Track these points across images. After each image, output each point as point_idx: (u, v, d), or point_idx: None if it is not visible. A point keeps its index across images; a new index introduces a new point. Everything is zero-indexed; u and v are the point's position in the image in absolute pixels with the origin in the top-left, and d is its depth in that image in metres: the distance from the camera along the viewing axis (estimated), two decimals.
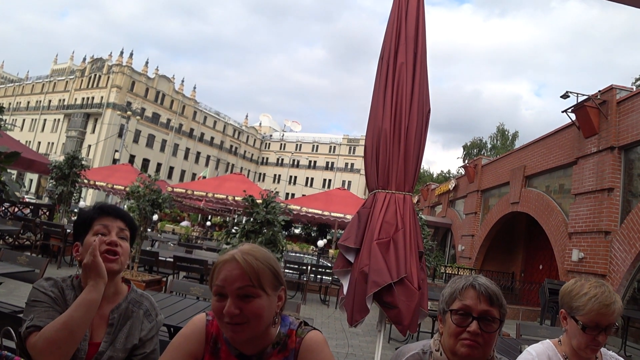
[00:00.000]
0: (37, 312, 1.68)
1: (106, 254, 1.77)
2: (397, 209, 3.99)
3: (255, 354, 1.51)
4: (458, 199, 23.99)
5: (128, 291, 1.92)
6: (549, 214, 13.92)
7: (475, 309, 1.59)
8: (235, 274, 1.42)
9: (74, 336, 1.60)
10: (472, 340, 1.58)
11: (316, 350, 1.52)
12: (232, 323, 1.41)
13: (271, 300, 1.48)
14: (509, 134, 52.43)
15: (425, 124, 4.24)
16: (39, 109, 71.47)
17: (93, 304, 1.66)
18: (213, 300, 1.46)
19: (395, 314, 3.86)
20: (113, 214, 1.88)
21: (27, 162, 11.18)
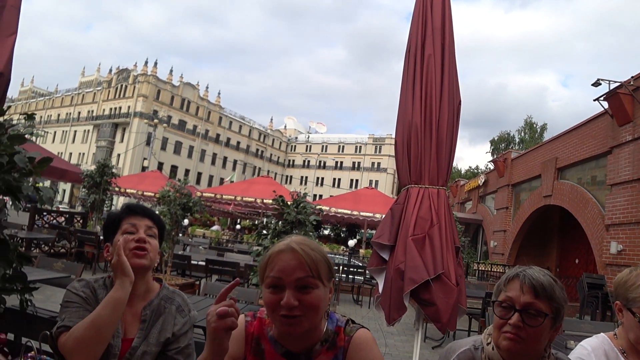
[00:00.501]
0: (69, 312, 1.70)
1: (135, 251, 1.79)
2: (431, 203, 3.91)
3: (303, 351, 1.45)
4: (488, 194, 23.59)
5: (160, 289, 1.94)
6: (584, 206, 13.55)
7: (517, 301, 1.51)
8: (293, 264, 1.36)
9: (102, 334, 1.61)
10: (513, 334, 1.50)
11: (365, 349, 1.46)
12: (289, 316, 1.34)
13: (326, 292, 1.43)
14: (537, 126, 51.34)
15: (457, 116, 4.15)
16: (69, 121, 73.21)
17: (120, 302, 1.67)
18: (266, 293, 1.39)
19: (433, 312, 3.78)
20: (140, 212, 1.90)
21: (60, 171, 11.39)
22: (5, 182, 2.35)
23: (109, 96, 66.85)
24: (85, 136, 69.21)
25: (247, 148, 79.31)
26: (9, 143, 2.38)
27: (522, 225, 18.08)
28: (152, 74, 62.42)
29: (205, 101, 70.65)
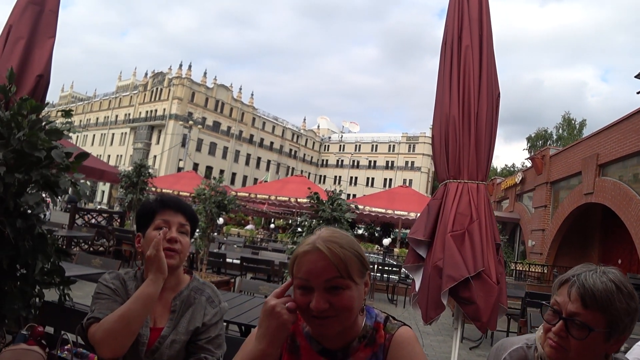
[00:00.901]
0: (99, 304, 1.72)
1: (166, 250, 1.77)
2: (470, 199, 3.78)
3: (340, 348, 1.38)
4: (526, 192, 23.06)
5: (190, 280, 1.93)
6: (627, 204, 13.07)
7: (564, 308, 1.39)
8: (320, 266, 1.27)
9: (130, 328, 1.62)
10: (555, 342, 1.38)
11: (408, 347, 1.37)
12: (321, 317, 1.28)
13: (359, 289, 1.34)
14: (576, 122, 49.92)
15: (496, 108, 4.01)
16: (107, 124, 75.12)
17: (150, 297, 1.67)
18: (296, 294, 1.32)
19: (473, 310, 3.66)
20: (174, 207, 1.88)
21: (98, 172, 11.65)
22: (44, 177, 2.36)
23: (145, 99, 68.27)
24: (122, 139, 70.86)
25: (280, 148, 79.79)
26: (47, 138, 2.39)
27: (562, 224, 17.59)
28: (186, 77, 63.44)
29: (239, 102, 71.42)
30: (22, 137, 2.34)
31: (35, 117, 2.48)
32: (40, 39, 4.21)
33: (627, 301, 1.35)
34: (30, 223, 2.31)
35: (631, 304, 1.36)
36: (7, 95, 2.56)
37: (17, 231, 2.26)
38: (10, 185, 2.24)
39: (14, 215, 2.30)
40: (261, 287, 4.82)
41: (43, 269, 2.40)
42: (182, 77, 63.28)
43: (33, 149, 2.33)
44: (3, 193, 2.23)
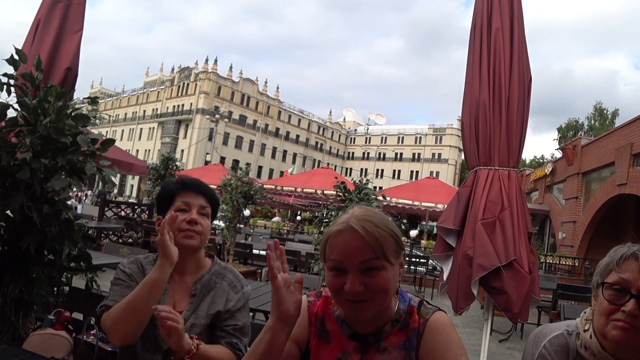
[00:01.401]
0: (113, 291, 1.72)
1: (187, 231, 1.75)
2: (501, 186, 3.68)
3: (372, 332, 1.32)
4: (556, 183, 22.57)
5: (212, 264, 1.90)
6: None
7: (634, 285, 1.28)
8: (355, 246, 1.21)
9: (137, 315, 1.58)
10: (627, 323, 1.27)
11: (443, 333, 1.30)
12: (355, 300, 1.22)
13: (395, 270, 1.27)
14: (608, 112, 48.63)
15: (528, 93, 3.89)
16: (135, 119, 76.32)
17: (157, 284, 1.62)
18: (328, 276, 1.26)
19: (504, 301, 3.56)
20: (195, 189, 1.83)
21: (127, 165, 11.81)
22: (70, 163, 2.36)
23: (172, 94, 69.07)
24: (150, 133, 71.90)
25: (306, 141, 79.90)
26: (74, 123, 2.39)
27: (594, 216, 17.16)
28: (212, 71, 63.95)
29: (265, 96, 71.71)
30: (48, 124, 2.35)
31: (62, 104, 2.48)
32: (68, 33, 4.26)
33: None
34: (56, 209, 2.32)
35: None
36: (34, 82, 2.56)
37: (43, 217, 2.27)
38: (37, 170, 2.25)
39: (40, 201, 2.31)
40: None
41: (70, 255, 2.41)
42: (208, 72, 63.81)
43: (60, 135, 2.33)
44: (30, 179, 2.23)
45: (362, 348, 1.32)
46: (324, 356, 1.34)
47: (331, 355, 1.34)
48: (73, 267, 2.48)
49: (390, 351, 1.31)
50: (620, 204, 16.60)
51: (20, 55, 2.54)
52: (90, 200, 43.12)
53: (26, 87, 2.50)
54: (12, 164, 2.27)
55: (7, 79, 2.45)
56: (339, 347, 1.34)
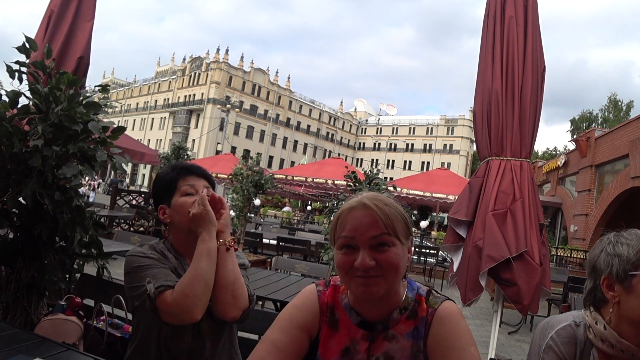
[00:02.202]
0: (158, 273, 1.68)
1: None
2: (513, 177, 3.65)
3: (381, 320, 1.32)
4: (568, 175, 22.37)
5: None
6: None
7: None
8: (366, 222, 1.23)
9: (208, 286, 1.63)
10: None
11: (452, 322, 1.29)
12: (366, 276, 1.22)
13: (404, 251, 1.28)
14: (623, 104, 47.94)
15: (541, 83, 3.84)
16: (147, 109, 76.69)
17: (213, 251, 1.68)
18: (338, 255, 1.27)
19: (514, 292, 3.54)
20: (197, 172, 1.87)
21: (139, 154, 11.89)
22: (81, 150, 2.38)
23: (184, 84, 69.28)
24: (162, 123, 72.23)
25: (317, 131, 79.85)
26: (85, 111, 2.40)
27: (607, 209, 16.99)
28: (223, 61, 63.98)
29: (276, 86, 71.68)
30: (60, 111, 2.36)
31: (74, 91, 2.49)
32: (80, 22, 4.28)
33: None
34: (68, 195, 2.33)
35: None
36: (45, 70, 2.57)
37: (55, 203, 2.28)
38: (48, 158, 2.26)
39: (52, 188, 2.32)
40: (297, 265, 4.81)
41: (81, 242, 2.43)
42: (219, 62, 63.85)
43: (71, 123, 2.34)
44: (41, 166, 2.24)
45: (370, 336, 1.32)
46: (332, 344, 1.34)
47: (340, 343, 1.34)
48: (84, 253, 2.50)
49: (398, 339, 1.31)
50: (634, 197, 16.41)
51: (31, 44, 2.55)
52: (102, 189, 43.49)
53: (38, 75, 2.51)
54: (24, 151, 2.29)
55: (18, 67, 2.46)
56: (348, 335, 1.34)
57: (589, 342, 1.43)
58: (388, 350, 1.30)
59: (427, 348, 1.29)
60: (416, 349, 1.30)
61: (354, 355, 1.31)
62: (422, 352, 1.29)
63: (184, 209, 1.75)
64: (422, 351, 1.29)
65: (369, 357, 1.30)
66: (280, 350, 1.29)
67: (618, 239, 1.43)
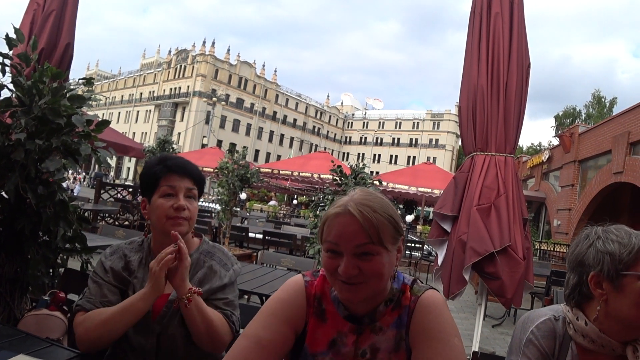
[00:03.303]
0: (90, 289, 1.69)
1: (175, 219, 1.70)
2: (498, 172, 3.68)
3: (367, 313, 1.33)
4: (552, 171, 22.61)
5: (200, 243, 1.87)
6: None
7: None
8: (351, 230, 1.22)
9: (112, 335, 1.59)
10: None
11: (435, 311, 1.29)
12: (349, 283, 1.22)
13: (391, 256, 1.27)
14: (606, 100, 48.53)
15: (526, 79, 3.88)
16: (132, 101, 75.96)
17: (140, 312, 1.60)
18: (324, 257, 1.27)
19: (497, 286, 3.59)
20: (180, 171, 1.76)
21: (124, 148, 11.78)
22: (64, 144, 2.35)
23: (169, 77, 68.70)
24: (147, 116, 71.63)
25: (303, 125, 79.75)
26: (69, 104, 2.37)
27: (589, 203, 17.22)
28: (210, 54, 63.55)
29: (262, 79, 71.38)
30: (43, 104, 2.33)
31: (58, 84, 2.46)
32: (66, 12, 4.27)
33: None
34: (51, 190, 2.31)
35: None
36: (29, 62, 2.53)
37: (38, 197, 2.25)
38: (31, 151, 2.24)
39: (35, 182, 2.30)
40: (283, 259, 4.81)
41: (65, 236, 2.41)
42: (205, 54, 63.43)
43: (55, 116, 2.31)
44: (24, 159, 2.22)
45: (358, 329, 1.33)
46: (320, 336, 1.35)
47: (327, 334, 1.34)
48: (68, 248, 2.48)
49: (385, 330, 1.32)
50: (616, 192, 16.65)
51: (18, 35, 2.51)
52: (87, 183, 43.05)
53: (21, 67, 2.48)
54: (7, 144, 2.25)
55: (1, 59, 2.42)
56: (335, 327, 1.34)
57: (567, 336, 1.45)
58: (375, 342, 1.31)
59: (410, 336, 1.30)
60: (399, 337, 1.30)
61: (341, 347, 1.32)
62: (404, 340, 1.30)
63: (160, 212, 1.70)
64: (404, 339, 1.30)
65: (356, 350, 1.31)
66: (264, 348, 1.28)
67: (607, 235, 1.43)
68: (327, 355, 1.32)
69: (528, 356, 1.45)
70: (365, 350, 1.30)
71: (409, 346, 1.29)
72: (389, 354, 1.30)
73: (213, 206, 15.99)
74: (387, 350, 1.30)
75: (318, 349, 1.33)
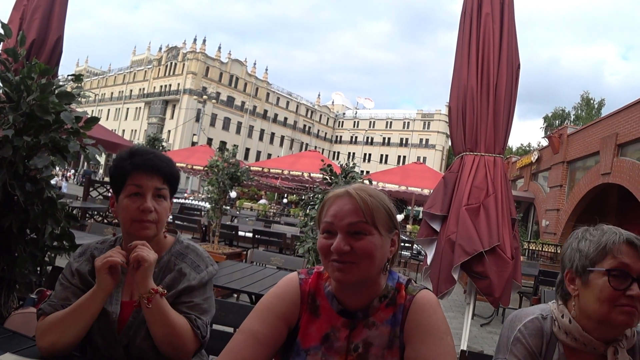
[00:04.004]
0: (56, 292, 1.61)
1: (140, 222, 1.59)
2: (487, 172, 3.71)
3: (361, 308, 1.35)
4: (541, 171, 22.77)
5: (172, 244, 1.74)
6: None
7: (634, 269, 1.33)
8: (347, 209, 1.29)
9: (65, 338, 1.51)
10: (633, 307, 1.31)
11: (429, 310, 1.32)
12: (340, 261, 1.26)
13: (384, 241, 1.31)
14: (595, 102, 49.05)
15: (516, 80, 3.91)
16: (121, 99, 75.31)
17: (90, 312, 1.52)
18: (320, 238, 1.33)
19: (486, 285, 3.62)
20: (147, 169, 1.60)
21: (113, 145, 11.69)
22: (53, 141, 2.33)
23: (160, 74, 68.23)
24: (137, 113, 71.12)
25: (294, 124, 79.62)
26: (58, 100, 2.36)
27: (577, 204, 17.37)
28: (200, 52, 63.23)
29: (253, 77, 71.14)
30: (32, 101, 2.31)
31: (46, 81, 2.44)
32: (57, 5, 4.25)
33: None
34: (39, 187, 2.29)
35: None
36: (17, 57, 2.51)
37: (26, 194, 2.24)
38: (19, 148, 2.22)
39: (23, 179, 2.28)
40: (272, 258, 4.81)
41: (53, 234, 2.39)
42: (196, 52, 63.08)
43: (44, 113, 2.29)
44: (12, 156, 2.20)
45: (351, 323, 1.34)
46: (313, 331, 1.36)
47: (320, 329, 1.36)
48: (56, 246, 2.46)
49: (378, 326, 1.33)
50: (604, 194, 16.81)
51: (6, 30, 2.49)
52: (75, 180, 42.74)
53: (9, 63, 2.45)
54: None
55: None
56: (328, 322, 1.36)
57: (554, 335, 1.47)
58: (367, 337, 1.32)
59: (404, 334, 1.32)
60: (393, 334, 1.32)
61: (333, 341, 1.33)
62: (398, 337, 1.32)
63: (126, 213, 1.59)
64: (398, 337, 1.32)
65: (348, 344, 1.32)
66: (259, 342, 1.31)
67: (585, 235, 1.47)
68: (319, 349, 1.34)
69: (515, 354, 1.46)
70: (358, 345, 1.32)
71: (403, 344, 1.31)
72: (382, 350, 1.31)
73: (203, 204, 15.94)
74: (381, 346, 1.31)
75: (311, 344, 1.35)
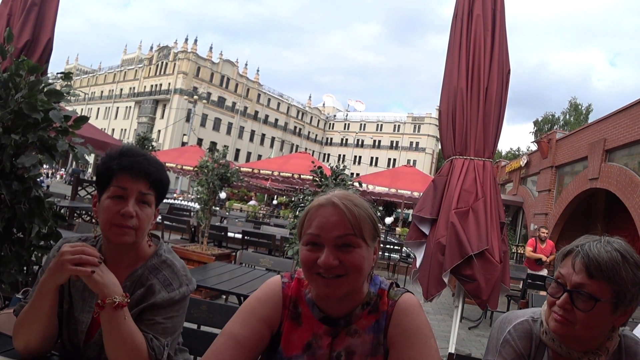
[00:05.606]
0: (31, 291, 1.54)
1: (119, 227, 1.49)
2: (476, 176, 3.73)
3: (343, 315, 1.33)
4: (530, 175, 22.91)
5: (150, 256, 1.62)
6: (632, 191, 12.94)
7: (568, 280, 1.34)
8: (334, 221, 1.23)
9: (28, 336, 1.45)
10: (560, 315, 1.33)
11: (411, 314, 1.31)
12: (328, 277, 1.22)
13: (370, 252, 1.29)
14: (583, 108, 49.65)
15: (506, 84, 3.93)
16: (111, 97, 74.80)
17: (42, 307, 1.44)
18: (302, 250, 1.27)
19: (474, 288, 3.63)
20: (133, 172, 1.51)
21: (101, 144, 11.61)
22: (41, 139, 2.31)
23: (150, 73, 67.88)
24: (127, 112, 70.67)
25: (285, 125, 79.54)
26: (46, 99, 2.34)
27: (565, 208, 17.50)
28: (192, 51, 62.99)
29: (244, 78, 70.98)
30: (20, 98, 2.29)
31: (35, 78, 2.42)
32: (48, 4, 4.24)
33: (634, 270, 1.30)
34: (26, 186, 2.27)
35: (638, 274, 1.31)
36: (5, 55, 2.49)
37: (13, 193, 2.22)
38: (7, 146, 2.20)
39: (10, 178, 2.26)
40: (262, 259, 4.81)
41: (40, 234, 2.37)
42: (187, 52, 62.83)
43: (32, 111, 2.27)
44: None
45: (333, 331, 1.32)
46: (295, 339, 1.34)
47: (302, 337, 1.34)
48: (43, 245, 2.44)
49: (360, 334, 1.32)
50: (591, 198, 16.95)
51: None
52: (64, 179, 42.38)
53: None
54: None
55: None
56: (310, 329, 1.34)
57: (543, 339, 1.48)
58: (350, 345, 1.31)
59: (388, 340, 1.31)
60: (376, 341, 1.31)
61: (316, 349, 1.32)
62: (382, 344, 1.31)
63: (106, 216, 1.49)
64: (382, 344, 1.31)
65: (331, 352, 1.31)
66: (241, 345, 1.28)
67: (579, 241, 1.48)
68: (302, 357, 1.32)
69: (504, 356, 1.47)
70: (340, 353, 1.31)
71: (387, 350, 1.30)
72: (365, 357, 1.30)
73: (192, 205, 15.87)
74: (364, 354, 1.30)
75: (293, 352, 1.33)
